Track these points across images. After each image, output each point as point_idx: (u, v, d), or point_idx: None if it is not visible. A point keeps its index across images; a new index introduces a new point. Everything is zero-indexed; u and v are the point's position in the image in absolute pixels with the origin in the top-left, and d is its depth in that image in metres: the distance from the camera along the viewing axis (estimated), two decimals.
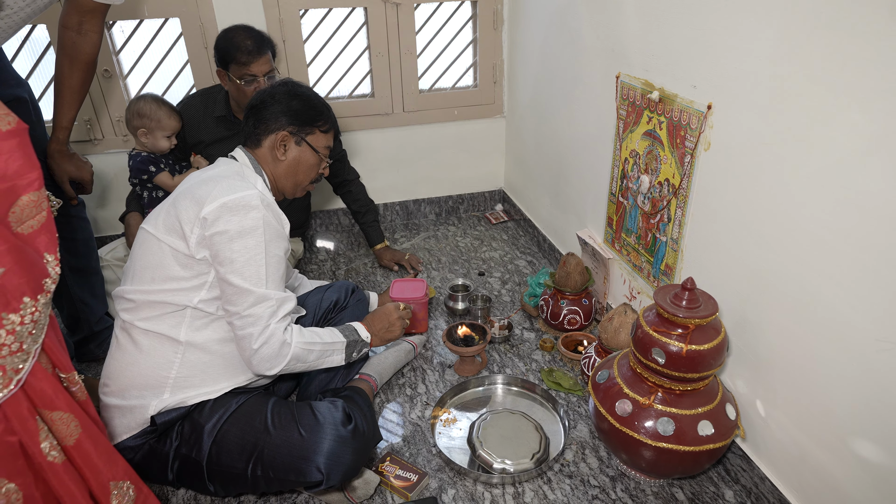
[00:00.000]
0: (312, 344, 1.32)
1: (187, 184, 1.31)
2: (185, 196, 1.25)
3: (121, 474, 1.01)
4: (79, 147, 2.34)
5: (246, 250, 1.21)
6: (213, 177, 1.28)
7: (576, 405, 1.64)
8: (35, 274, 0.85)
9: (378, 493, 1.38)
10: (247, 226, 1.21)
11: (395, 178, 2.78)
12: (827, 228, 1.05)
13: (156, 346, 1.25)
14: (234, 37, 1.90)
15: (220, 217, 1.20)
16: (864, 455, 1.05)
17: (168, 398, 1.25)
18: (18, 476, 0.88)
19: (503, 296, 2.20)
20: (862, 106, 0.95)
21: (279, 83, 1.43)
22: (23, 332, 0.84)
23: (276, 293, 1.25)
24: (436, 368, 1.82)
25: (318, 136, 1.43)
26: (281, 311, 1.27)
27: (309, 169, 1.44)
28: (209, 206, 1.20)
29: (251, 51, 1.89)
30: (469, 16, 2.55)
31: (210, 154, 2.09)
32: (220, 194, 1.22)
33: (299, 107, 1.39)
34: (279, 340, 1.25)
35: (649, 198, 1.60)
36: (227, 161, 1.38)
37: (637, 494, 1.36)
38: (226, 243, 1.20)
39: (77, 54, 1.49)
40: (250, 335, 1.23)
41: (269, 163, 1.40)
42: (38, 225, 0.88)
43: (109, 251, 2.10)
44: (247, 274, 1.22)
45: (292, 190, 1.46)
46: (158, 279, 1.24)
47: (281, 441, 1.24)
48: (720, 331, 1.22)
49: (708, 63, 1.30)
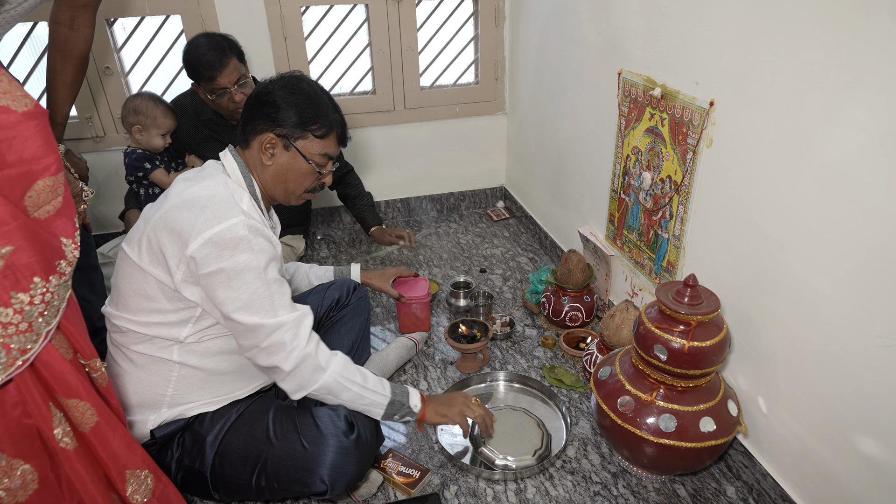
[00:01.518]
0: (352, 383, 1.22)
1: (167, 204, 1.16)
2: (165, 227, 1.13)
3: (139, 463, 1.01)
4: (79, 144, 2.35)
5: (246, 286, 1.13)
6: (194, 200, 1.14)
7: (577, 402, 1.64)
8: (48, 254, 0.84)
9: (380, 490, 1.39)
10: (240, 262, 1.11)
11: (397, 174, 2.78)
12: (829, 225, 1.05)
13: (150, 366, 1.21)
14: (195, 51, 1.81)
15: (209, 255, 1.10)
16: (866, 451, 1.05)
17: (166, 412, 1.23)
18: (35, 457, 0.88)
19: (505, 293, 2.20)
20: (865, 102, 0.95)
21: (280, 76, 1.29)
22: (32, 311, 0.82)
23: (289, 316, 1.17)
24: (437, 365, 1.82)
25: (311, 142, 1.26)
26: (302, 329, 1.18)
27: (300, 177, 1.29)
28: (194, 244, 1.09)
29: (213, 64, 1.80)
30: (470, 12, 2.55)
31: (201, 154, 2.09)
32: (204, 227, 1.10)
33: (293, 107, 1.24)
34: (312, 365, 1.18)
35: (651, 194, 1.60)
36: (214, 168, 1.26)
37: (639, 491, 1.37)
38: (223, 283, 1.12)
39: (69, 50, 1.48)
40: (279, 362, 1.16)
41: (257, 166, 1.27)
42: (54, 210, 0.86)
43: (111, 248, 2.11)
44: (254, 309, 1.14)
45: (284, 197, 1.33)
46: (144, 310, 1.17)
47: (284, 453, 1.22)
48: (722, 327, 1.22)
49: (710, 59, 1.30)
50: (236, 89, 1.87)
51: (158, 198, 1.26)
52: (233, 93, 1.87)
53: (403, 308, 1.89)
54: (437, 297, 2.16)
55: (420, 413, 1.32)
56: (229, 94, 1.87)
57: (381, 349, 1.80)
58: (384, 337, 1.96)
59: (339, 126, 1.32)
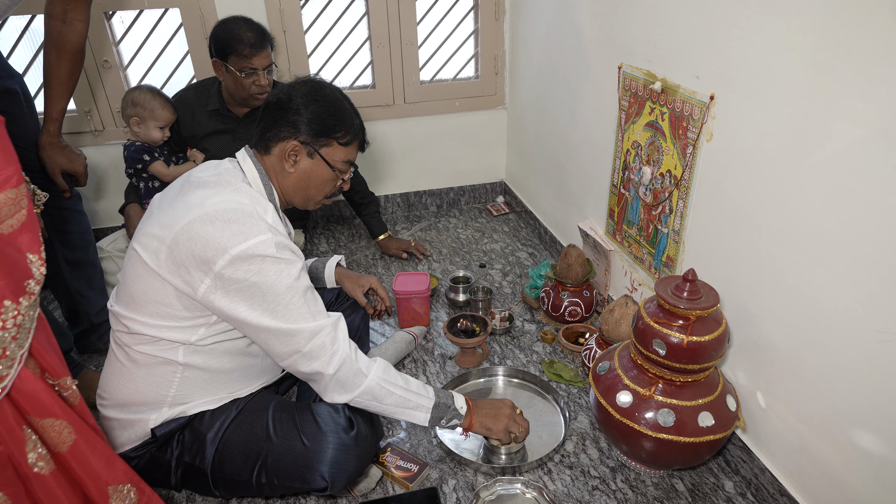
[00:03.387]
0: (394, 386, 1.22)
1: (190, 214, 1.11)
2: (189, 239, 1.09)
3: (120, 478, 0.98)
4: (78, 138, 2.34)
5: (280, 297, 1.12)
6: (218, 213, 1.10)
7: (576, 396, 1.64)
8: (16, 276, 0.80)
9: (379, 484, 1.39)
10: (271, 274, 1.10)
11: (396, 169, 2.77)
12: (829, 219, 1.05)
13: (153, 366, 1.20)
14: (235, 28, 1.89)
15: (238, 270, 1.08)
16: (864, 446, 1.05)
17: (167, 411, 1.23)
18: (8, 486, 0.84)
19: (504, 287, 2.20)
20: (866, 96, 0.95)
21: (301, 81, 1.26)
22: (5, 337, 0.78)
23: (327, 320, 1.17)
24: (436, 360, 1.82)
25: (335, 149, 1.26)
26: (340, 334, 1.18)
27: (322, 184, 1.29)
28: (222, 261, 1.08)
29: (253, 44, 1.87)
30: (471, 6, 2.54)
31: (205, 147, 2.09)
32: (230, 243, 1.08)
33: (317, 114, 1.22)
34: (353, 369, 1.18)
35: (651, 189, 1.60)
36: (233, 174, 1.21)
37: (637, 485, 1.37)
38: (258, 296, 1.11)
39: (63, 44, 1.46)
40: (321, 367, 1.16)
41: (278, 173, 1.26)
42: (17, 224, 0.81)
43: (111, 242, 2.10)
44: (293, 317, 1.13)
45: (302, 203, 1.32)
46: (157, 315, 1.15)
47: (283, 450, 1.22)
48: (721, 322, 1.22)
49: (711, 53, 1.29)
50: (264, 73, 1.94)
51: (167, 192, 1.23)
52: (260, 76, 1.93)
53: (403, 302, 1.89)
54: (436, 291, 2.16)
55: (467, 421, 1.31)
56: (257, 76, 1.93)
57: (380, 343, 1.80)
58: (383, 331, 1.96)
59: (361, 132, 1.32)
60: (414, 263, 2.39)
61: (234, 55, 1.89)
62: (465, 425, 1.32)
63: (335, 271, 1.67)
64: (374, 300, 1.70)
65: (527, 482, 1.34)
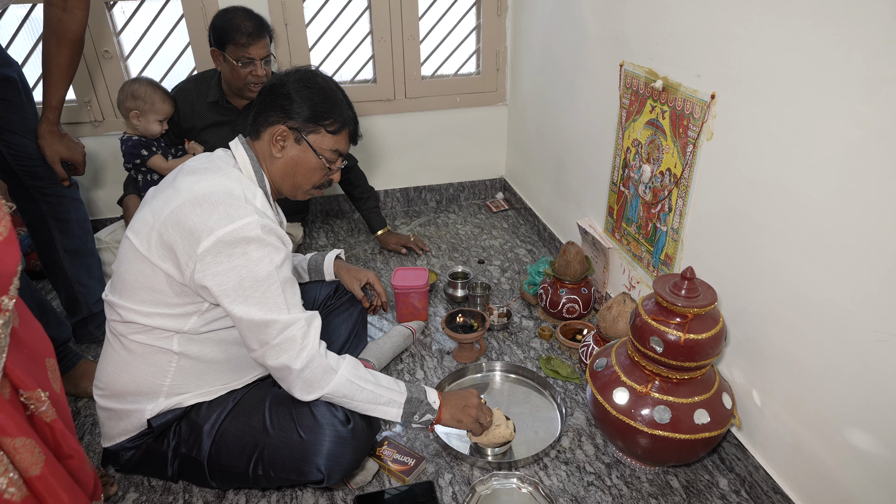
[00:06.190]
0: (365, 382, 1.22)
1: (177, 198, 1.12)
2: (176, 223, 1.10)
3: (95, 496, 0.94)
4: (78, 128, 2.34)
5: (259, 284, 1.11)
6: (205, 196, 1.11)
7: (573, 393, 1.65)
8: None
9: (375, 477, 1.39)
10: (254, 260, 1.10)
11: (396, 164, 2.77)
12: (828, 220, 1.05)
13: (149, 355, 1.20)
14: (233, 17, 1.89)
15: (221, 253, 1.08)
16: (859, 445, 1.06)
17: (164, 402, 1.23)
18: None
19: (502, 284, 2.20)
20: (867, 97, 0.95)
21: (296, 69, 1.28)
22: None
23: (301, 314, 1.16)
24: (434, 355, 1.82)
25: (323, 137, 1.26)
26: (312, 330, 1.17)
27: (309, 172, 1.28)
28: (206, 242, 1.08)
29: (251, 33, 1.88)
30: (473, 2, 2.53)
31: (204, 139, 2.08)
32: (216, 225, 1.08)
33: (307, 99, 1.23)
34: (322, 365, 1.17)
35: (650, 187, 1.60)
36: (224, 160, 1.23)
37: (632, 481, 1.38)
38: (236, 282, 1.10)
39: (63, 32, 1.45)
40: (289, 360, 1.15)
41: (267, 158, 1.26)
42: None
43: (109, 233, 2.10)
44: (268, 306, 1.12)
45: (291, 192, 1.32)
46: (149, 302, 1.16)
47: (280, 442, 1.22)
48: (718, 320, 1.23)
49: (713, 52, 1.29)
50: (261, 63, 1.94)
51: (162, 184, 1.24)
52: (258, 66, 1.93)
53: (401, 297, 1.89)
54: (434, 287, 2.17)
55: (437, 415, 1.31)
56: (254, 66, 1.93)
57: (378, 338, 1.80)
58: (381, 326, 1.96)
59: (352, 123, 1.31)
60: (413, 258, 2.39)
61: (231, 44, 1.89)
62: (435, 419, 1.31)
63: (334, 264, 1.67)
64: (370, 294, 1.70)
65: (522, 477, 1.34)
